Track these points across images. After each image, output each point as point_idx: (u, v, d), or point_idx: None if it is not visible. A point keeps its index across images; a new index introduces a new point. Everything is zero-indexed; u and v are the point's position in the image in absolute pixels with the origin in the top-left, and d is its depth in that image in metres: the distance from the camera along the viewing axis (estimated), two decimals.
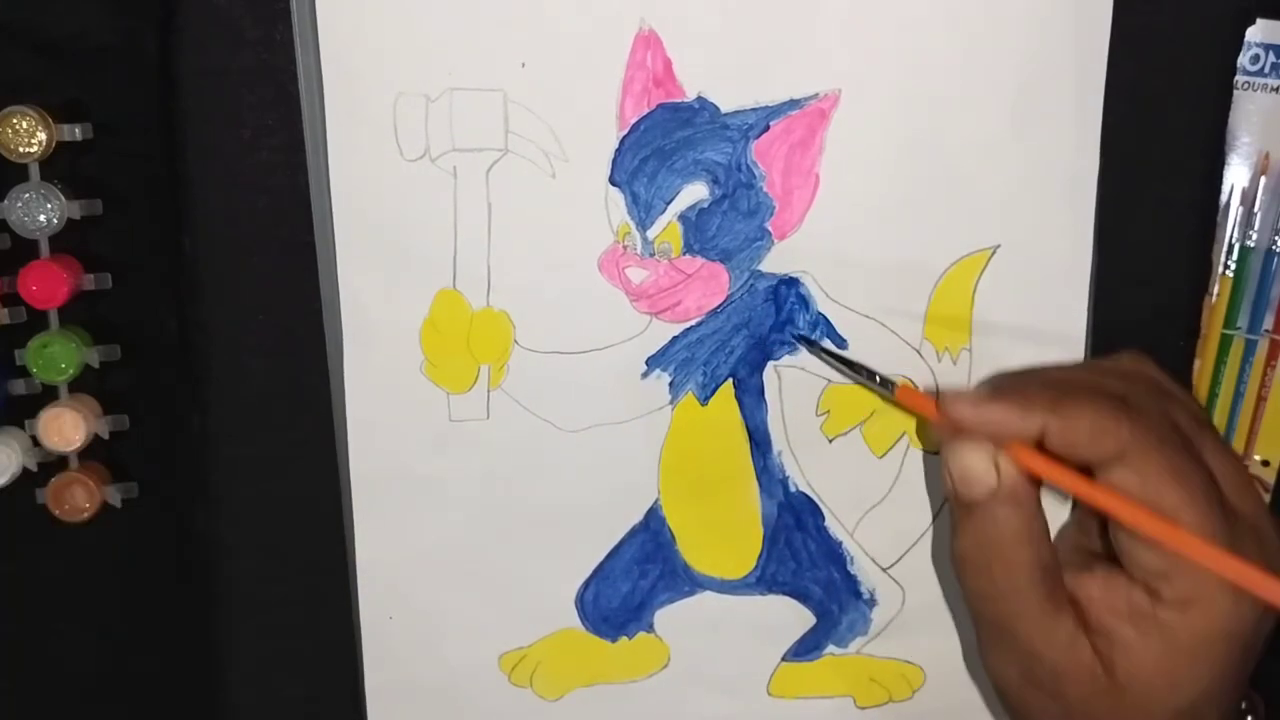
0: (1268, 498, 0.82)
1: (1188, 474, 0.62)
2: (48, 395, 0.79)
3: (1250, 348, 0.81)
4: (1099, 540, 0.69)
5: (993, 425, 0.63)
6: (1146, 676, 0.63)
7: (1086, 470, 0.64)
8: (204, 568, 0.78)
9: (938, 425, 0.66)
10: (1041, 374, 0.69)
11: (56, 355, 0.77)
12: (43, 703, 0.85)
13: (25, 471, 0.79)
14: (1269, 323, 0.80)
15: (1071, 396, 0.63)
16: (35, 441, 0.78)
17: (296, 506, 0.77)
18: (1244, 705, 0.72)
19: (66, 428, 0.78)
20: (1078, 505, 0.72)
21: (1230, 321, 0.80)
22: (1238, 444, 0.82)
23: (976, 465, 0.64)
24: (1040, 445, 0.64)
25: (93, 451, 0.79)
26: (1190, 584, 0.62)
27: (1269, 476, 0.82)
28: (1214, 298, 0.80)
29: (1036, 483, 0.65)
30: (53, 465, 0.79)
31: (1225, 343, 0.81)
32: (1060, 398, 0.63)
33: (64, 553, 0.82)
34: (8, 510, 0.81)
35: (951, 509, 0.67)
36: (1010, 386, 0.65)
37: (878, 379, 0.73)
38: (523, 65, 0.71)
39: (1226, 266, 0.80)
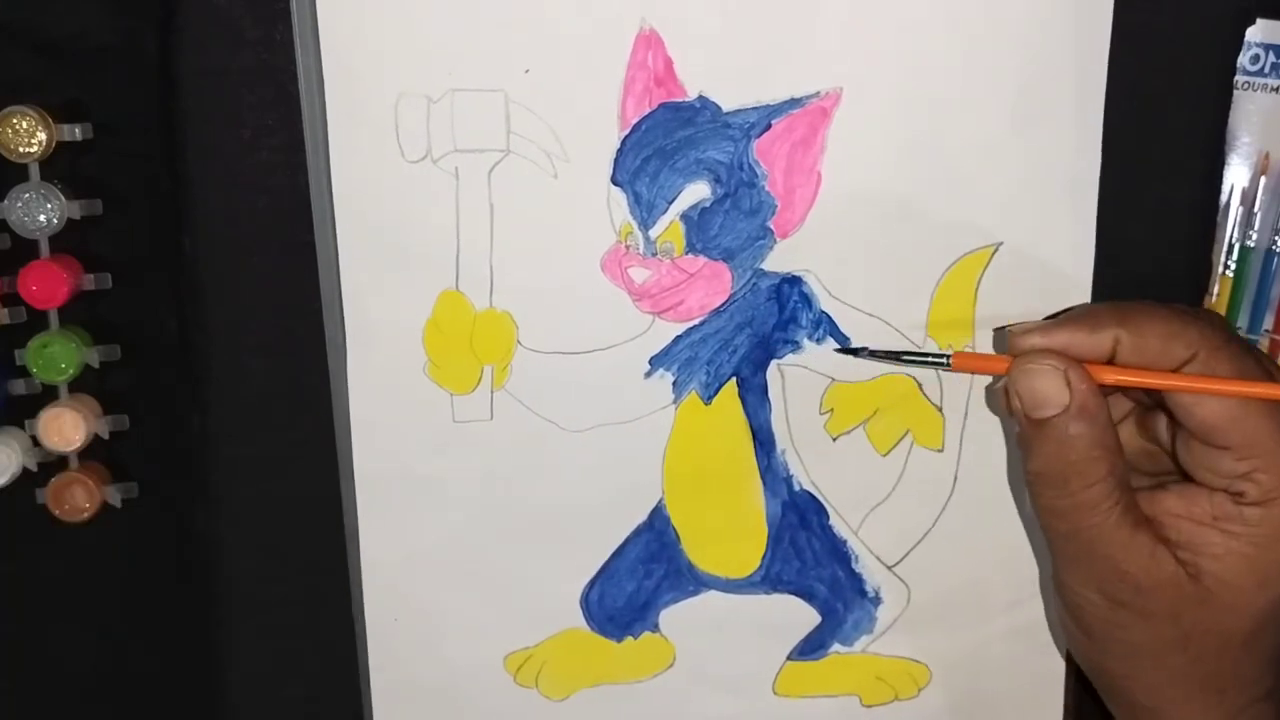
0: None
1: (1252, 366, 0.65)
2: (48, 395, 0.78)
3: None
4: (1166, 462, 0.71)
5: (1065, 346, 0.66)
6: (1235, 577, 0.65)
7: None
8: (204, 568, 0.78)
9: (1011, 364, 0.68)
10: (1106, 302, 0.73)
11: (56, 355, 0.77)
12: (43, 703, 0.85)
13: (25, 471, 0.78)
14: (1269, 323, 0.80)
15: (1136, 309, 0.67)
16: (35, 441, 0.78)
17: (296, 506, 0.77)
18: None
19: (66, 428, 0.78)
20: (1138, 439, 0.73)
21: (1230, 321, 0.80)
22: None
23: (1048, 385, 0.66)
24: (1110, 363, 0.67)
25: (93, 451, 0.79)
26: (1273, 480, 0.64)
27: None
28: (1214, 298, 0.80)
29: (1108, 405, 0.67)
30: (53, 465, 0.79)
31: None
32: (1126, 312, 0.67)
33: (64, 553, 0.82)
34: (8, 510, 0.80)
35: (1020, 433, 0.68)
36: (1079, 310, 0.70)
37: (929, 358, 0.73)
38: (526, 72, 0.71)
39: (1226, 266, 0.80)
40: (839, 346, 0.75)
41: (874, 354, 0.73)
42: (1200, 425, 0.65)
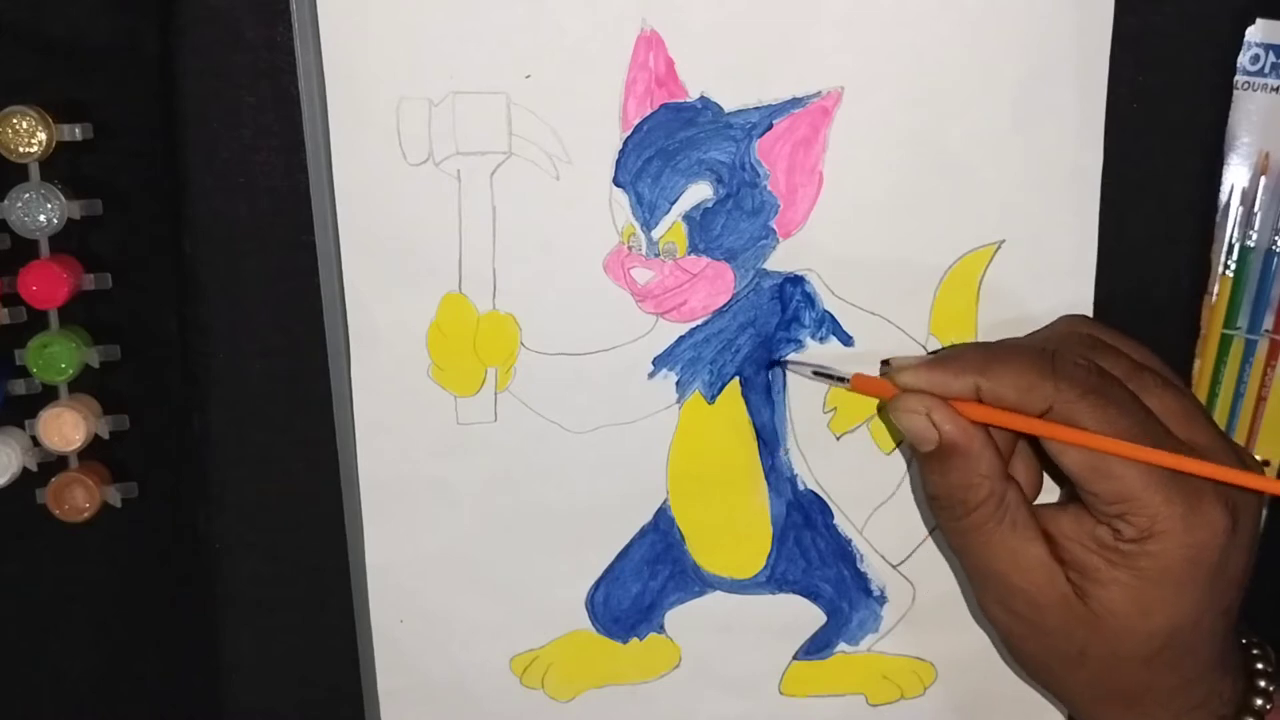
0: (1268, 499, 0.82)
1: (1114, 417, 0.66)
2: (48, 395, 0.78)
3: (1250, 348, 0.81)
4: (1069, 490, 0.73)
5: (931, 387, 0.69)
6: (1118, 604, 0.68)
7: None
8: (204, 568, 0.78)
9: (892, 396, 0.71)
10: (985, 342, 0.75)
11: (56, 355, 0.77)
12: (43, 703, 0.85)
13: (25, 471, 0.78)
14: (1269, 323, 0.81)
15: (1000, 358, 0.69)
16: (35, 441, 0.78)
17: (296, 506, 0.77)
18: (1245, 642, 0.73)
19: (66, 428, 0.78)
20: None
21: (1230, 321, 0.81)
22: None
23: (916, 425, 0.69)
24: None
25: (93, 451, 0.79)
26: (1145, 519, 0.66)
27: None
28: (1214, 298, 0.81)
29: (985, 433, 0.69)
30: (53, 465, 0.79)
31: (1225, 343, 0.81)
32: (989, 360, 0.69)
33: (64, 553, 0.82)
34: (8, 510, 0.80)
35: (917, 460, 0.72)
36: (950, 353, 0.72)
37: (835, 377, 0.74)
38: (527, 77, 0.71)
39: (1226, 266, 0.81)
40: (774, 360, 0.76)
41: (790, 365, 0.76)
42: (1068, 470, 0.68)
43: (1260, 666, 0.72)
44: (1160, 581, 0.67)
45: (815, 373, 0.74)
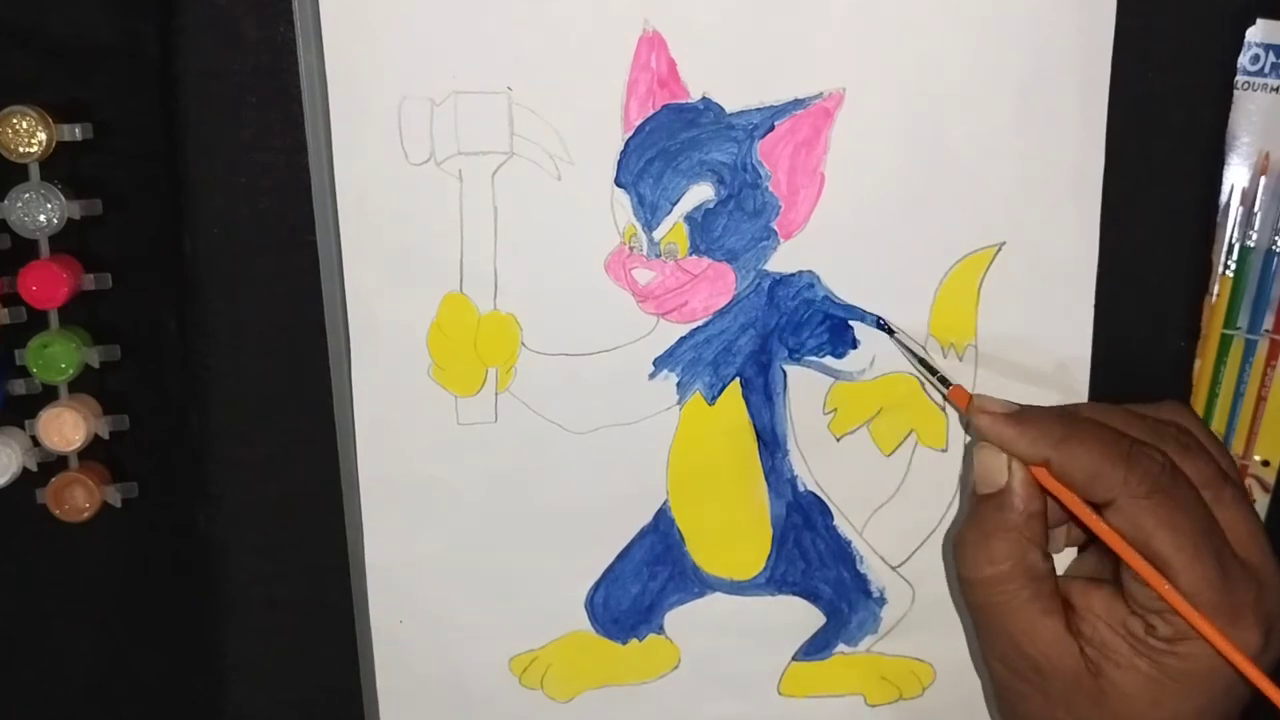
0: (1267, 498, 0.83)
1: (1179, 524, 0.66)
2: (48, 395, 0.78)
3: (1250, 348, 0.81)
4: (1110, 569, 0.72)
5: (1003, 444, 0.69)
6: (1130, 689, 0.68)
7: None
8: (204, 568, 0.78)
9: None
10: (1071, 409, 0.72)
11: (56, 355, 0.77)
12: (43, 702, 0.85)
13: (25, 471, 0.78)
14: (1269, 323, 0.81)
15: (1078, 437, 0.68)
16: (35, 441, 0.78)
17: (296, 506, 0.77)
18: None
19: (66, 428, 0.78)
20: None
21: (1230, 321, 0.81)
22: (1238, 444, 0.83)
23: (993, 463, 0.69)
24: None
25: (93, 451, 0.79)
26: (1182, 624, 0.66)
27: (1269, 476, 0.82)
28: (1214, 298, 0.81)
29: (1043, 501, 0.69)
30: (53, 465, 0.79)
31: (1225, 343, 0.81)
32: (1067, 436, 0.68)
33: (64, 553, 0.82)
34: (8, 510, 0.80)
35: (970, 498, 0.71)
36: (1033, 414, 0.70)
37: (938, 376, 0.74)
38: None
39: (1226, 266, 0.81)
40: (880, 320, 0.75)
41: (899, 340, 0.75)
42: (1123, 561, 0.68)
43: None
44: (1178, 681, 0.67)
45: (920, 360, 0.75)
